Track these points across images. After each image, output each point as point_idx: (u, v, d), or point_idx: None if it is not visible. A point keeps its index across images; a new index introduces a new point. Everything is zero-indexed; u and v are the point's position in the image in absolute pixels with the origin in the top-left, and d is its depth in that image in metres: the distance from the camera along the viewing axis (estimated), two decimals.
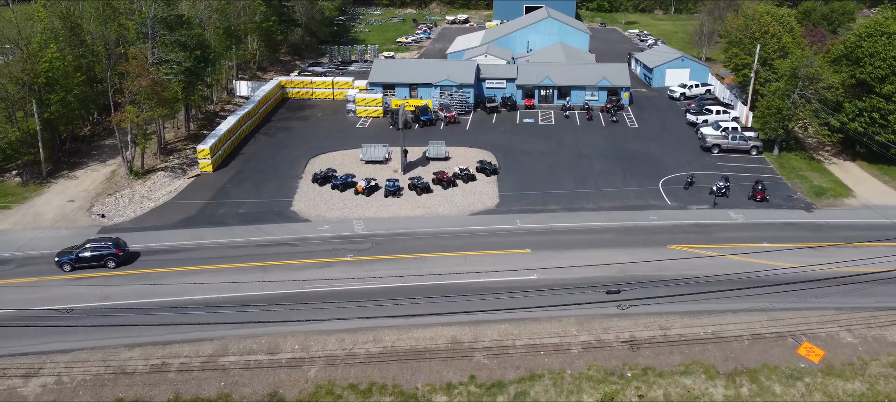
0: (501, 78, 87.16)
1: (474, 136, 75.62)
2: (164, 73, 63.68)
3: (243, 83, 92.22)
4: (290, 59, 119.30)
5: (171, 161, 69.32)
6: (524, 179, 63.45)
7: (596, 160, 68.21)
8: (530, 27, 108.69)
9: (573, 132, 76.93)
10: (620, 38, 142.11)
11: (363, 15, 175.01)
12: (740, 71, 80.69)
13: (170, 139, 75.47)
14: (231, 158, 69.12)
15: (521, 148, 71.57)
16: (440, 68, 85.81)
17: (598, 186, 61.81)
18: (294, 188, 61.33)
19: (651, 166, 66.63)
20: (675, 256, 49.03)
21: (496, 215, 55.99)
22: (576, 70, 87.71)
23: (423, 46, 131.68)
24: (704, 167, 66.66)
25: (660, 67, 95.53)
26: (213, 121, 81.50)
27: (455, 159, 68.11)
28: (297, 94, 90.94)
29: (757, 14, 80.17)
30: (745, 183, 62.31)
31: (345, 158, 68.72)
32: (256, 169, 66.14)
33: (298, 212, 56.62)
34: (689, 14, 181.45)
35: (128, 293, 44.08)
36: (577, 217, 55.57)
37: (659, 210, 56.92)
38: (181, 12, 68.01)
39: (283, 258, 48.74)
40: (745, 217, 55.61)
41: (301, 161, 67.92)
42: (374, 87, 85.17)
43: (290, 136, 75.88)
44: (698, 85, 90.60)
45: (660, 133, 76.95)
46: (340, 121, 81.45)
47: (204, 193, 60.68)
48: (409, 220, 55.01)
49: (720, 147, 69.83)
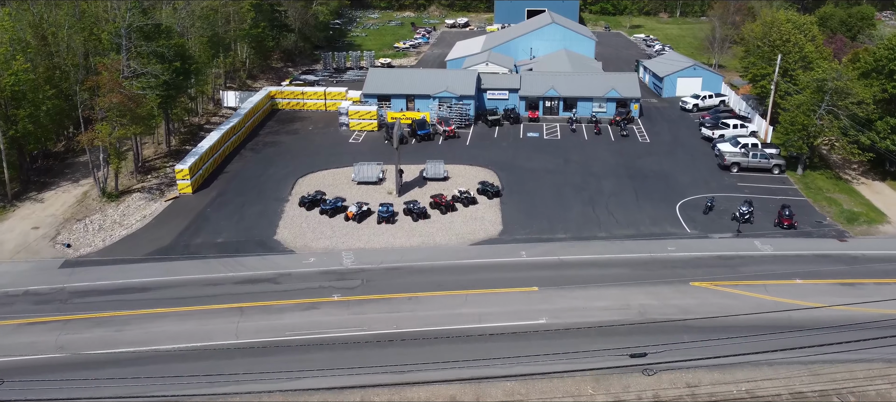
0: (503, 89, 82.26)
1: (475, 152, 70.70)
2: (138, 87, 58.69)
3: (231, 93, 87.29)
4: (282, 66, 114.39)
5: (148, 181, 64.38)
6: (529, 201, 58.52)
7: (606, 180, 63.27)
8: (533, 33, 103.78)
9: (580, 148, 72.00)
10: (626, 43, 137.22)
11: (360, 18, 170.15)
12: (759, 82, 75.73)
13: (148, 156, 70.52)
14: (213, 177, 64.18)
15: (525, 166, 66.64)
16: (439, 78, 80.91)
17: (610, 211, 56.88)
18: (279, 213, 56.39)
19: (666, 187, 61.70)
20: (698, 295, 44.09)
21: (499, 245, 51.05)
22: (583, 80, 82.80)
23: (421, 52, 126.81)
24: (723, 188, 61.75)
25: (670, 76, 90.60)
26: (197, 135, 76.57)
27: (454, 179, 63.19)
28: (288, 105, 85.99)
29: (776, 21, 75.23)
30: (769, 207, 57.44)
31: (336, 178, 63.77)
32: (240, 190, 61.20)
33: (282, 241, 51.66)
34: (694, 17, 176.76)
35: (87, 342, 39.12)
36: (587, 248, 50.62)
37: (677, 239, 51.99)
38: (159, 21, 62.95)
39: (263, 298, 43.78)
40: (772, 248, 50.68)
41: (288, 181, 62.98)
42: (368, 98, 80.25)
43: (279, 152, 70.94)
44: (712, 95, 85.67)
45: (673, 149, 72.01)
46: (332, 135, 76.51)
47: (181, 219, 55.73)
48: (403, 251, 50.07)
49: (740, 166, 64.91)
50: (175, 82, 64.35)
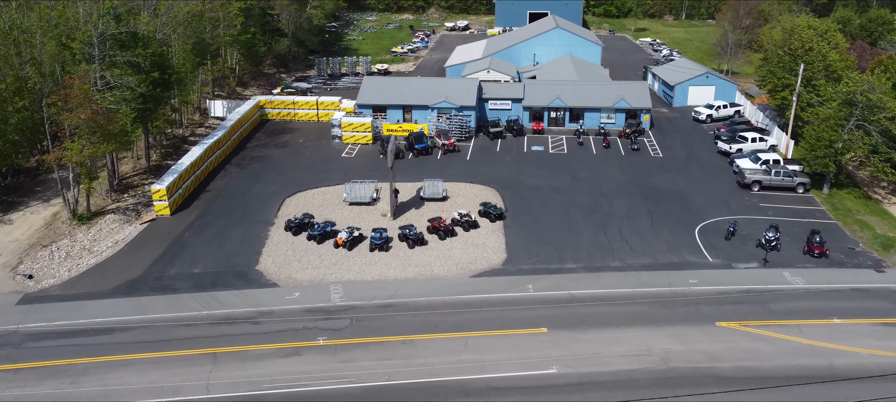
0: (506, 98, 77.65)
1: (476, 167, 66.07)
2: (110, 101, 54.05)
3: (218, 103, 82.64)
4: (275, 72, 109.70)
5: (124, 200, 59.76)
6: (535, 225, 53.90)
7: (617, 200, 58.64)
8: (537, 38, 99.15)
9: (589, 163, 67.34)
10: (631, 48, 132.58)
11: (357, 21, 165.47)
12: (779, 93, 71.07)
13: (126, 172, 65.86)
14: (195, 195, 59.57)
15: (529, 183, 62.00)
16: (437, 88, 76.28)
17: (623, 236, 52.25)
18: (263, 238, 51.76)
19: (682, 208, 57.08)
20: (726, 338, 39.47)
21: (503, 278, 46.41)
22: (590, 89, 78.17)
23: (419, 57, 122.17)
24: (744, 209, 57.14)
25: (682, 84, 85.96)
26: (181, 148, 71.95)
27: (454, 199, 58.57)
28: (278, 115, 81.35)
29: (797, 28, 70.61)
30: (796, 231, 52.86)
31: (326, 197, 59.14)
32: (222, 212, 56.57)
33: (265, 273, 47.01)
34: (700, 20, 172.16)
35: (35, 398, 34.49)
36: (600, 280, 45.98)
37: (699, 270, 47.34)
38: (135, 29, 58.25)
39: (240, 341, 39.16)
40: (804, 280, 46.03)
41: (275, 201, 58.35)
42: (362, 109, 75.62)
43: (266, 167, 66.29)
44: (726, 105, 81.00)
45: (687, 164, 67.37)
46: (324, 148, 71.86)
47: (156, 245, 51.09)
48: (397, 284, 45.42)
49: (761, 184, 60.27)
50: (153, 95, 59.67)
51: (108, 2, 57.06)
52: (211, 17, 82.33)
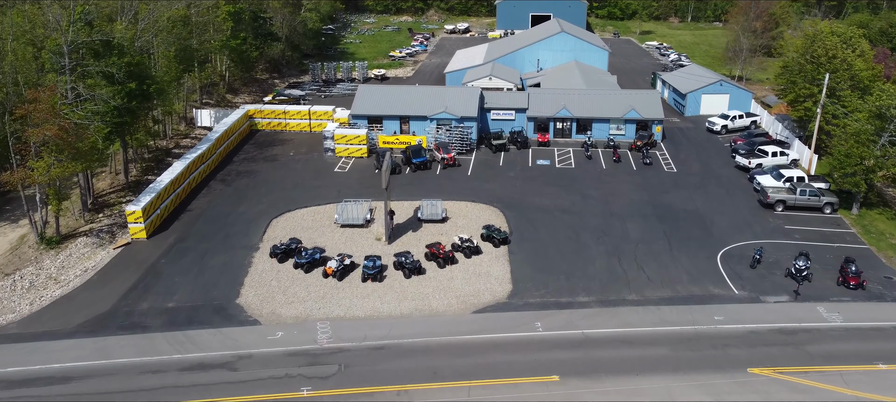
0: (509, 108, 73.26)
1: (478, 184, 61.68)
2: (79, 116, 49.64)
3: (205, 112, 78.28)
4: (267, 78, 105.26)
5: (99, 221, 55.40)
6: (543, 251, 49.52)
7: (631, 221, 54.26)
8: (541, 43, 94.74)
9: (598, 179, 62.94)
10: (637, 52, 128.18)
11: (355, 23, 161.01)
12: (801, 104, 66.68)
13: (103, 189, 61.45)
14: (175, 216, 55.20)
15: (535, 202, 57.63)
16: (437, 97, 71.88)
17: (639, 263, 47.88)
18: (246, 267, 47.38)
19: (702, 232, 52.70)
20: (761, 389, 35.10)
21: (509, 313, 42.02)
22: (598, 99, 73.78)
23: (418, 61, 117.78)
24: (769, 232, 52.79)
25: (694, 92, 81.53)
26: (164, 162, 67.55)
27: (454, 220, 54.20)
28: (268, 125, 76.93)
29: (820, 34, 66.23)
30: (826, 258, 48.51)
31: (316, 218, 54.76)
32: (203, 235, 52.19)
33: (246, 307, 42.61)
34: (707, 22, 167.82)
35: None
36: (616, 317, 41.60)
37: (724, 304, 42.96)
38: (109, 36, 53.82)
39: (214, 392, 34.77)
40: (841, 316, 41.66)
41: (261, 223, 53.96)
42: (357, 119, 71.23)
43: (253, 184, 61.89)
44: (742, 115, 76.60)
45: (703, 180, 62.97)
46: (316, 162, 67.44)
47: (129, 274, 46.71)
48: (392, 322, 41.05)
49: (785, 204, 55.91)
50: (129, 107, 55.26)
51: (80, 7, 52.63)
52: (198, 22, 77.91)
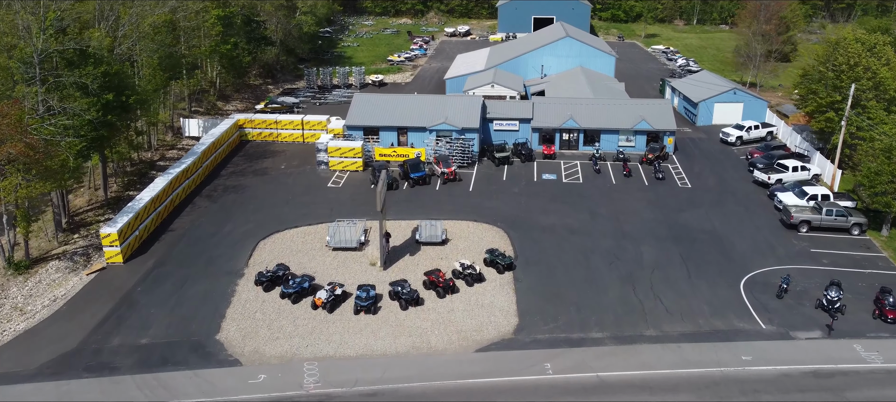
0: (513, 118, 69.48)
1: (480, 201, 57.93)
2: (49, 132, 45.86)
3: (193, 121, 74.47)
4: (261, 83, 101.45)
5: (74, 242, 51.63)
6: (551, 278, 45.75)
7: (645, 244, 50.48)
8: (545, 48, 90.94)
9: (608, 195, 59.16)
10: (644, 56, 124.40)
11: (353, 25, 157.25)
12: (822, 115, 62.90)
13: (80, 207, 57.68)
14: (155, 237, 51.46)
15: (541, 222, 53.87)
16: (436, 107, 68.10)
17: (656, 292, 44.12)
18: (229, 295, 43.62)
19: (721, 256, 48.93)
20: None
21: (516, 352, 38.23)
22: (607, 109, 70.00)
23: (417, 66, 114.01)
24: (794, 256, 49.03)
25: (706, 101, 77.73)
26: (148, 175, 63.78)
27: (455, 243, 50.43)
28: (259, 136, 73.16)
29: (843, 41, 62.47)
30: (858, 287, 44.77)
31: (307, 240, 50.99)
32: (184, 259, 48.42)
33: (226, 344, 38.84)
34: (713, 25, 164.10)
35: None
36: (633, 356, 37.83)
37: (752, 341, 39.19)
38: (85, 44, 50.03)
39: None
40: (881, 356, 37.92)
41: (247, 245, 50.20)
42: (352, 131, 67.47)
43: (241, 200, 58.13)
44: (757, 126, 72.80)
45: (720, 197, 59.18)
46: (309, 176, 63.65)
47: (101, 304, 42.95)
48: (386, 362, 37.28)
49: (810, 224, 52.15)
50: (107, 120, 51.51)
51: (51, 13, 48.88)
52: (185, 27, 74.13)
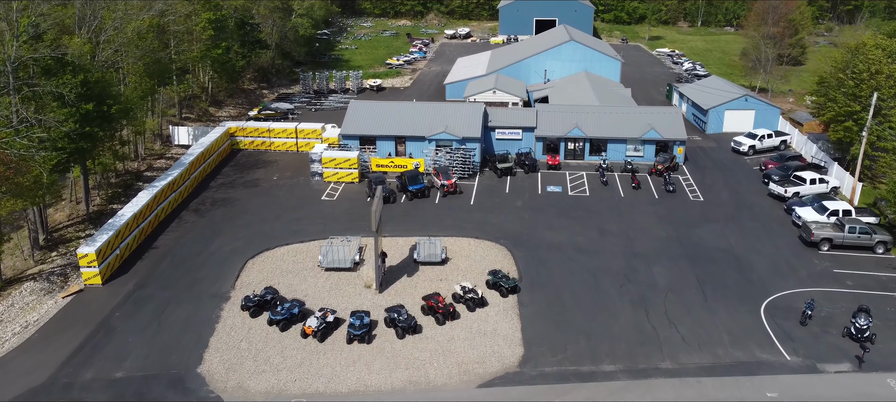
0: (516, 127, 66.53)
1: (481, 215, 54.98)
2: (21, 146, 42.92)
3: (183, 129, 71.53)
4: (256, 88, 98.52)
5: (51, 261, 48.70)
6: (558, 302, 42.81)
7: (658, 264, 47.52)
8: (548, 52, 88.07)
9: (617, 210, 56.20)
10: (649, 60, 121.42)
11: (351, 27, 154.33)
12: (841, 124, 59.94)
13: (60, 221, 54.72)
14: (138, 255, 48.56)
15: (547, 239, 50.92)
16: (436, 115, 65.17)
17: (671, 319, 41.18)
18: (213, 322, 40.69)
19: (739, 277, 45.97)
20: None
21: (522, 388, 35.29)
22: (614, 117, 67.03)
23: (417, 69, 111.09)
24: (816, 278, 46.07)
25: (717, 108, 74.77)
26: (133, 186, 60.88)
27: (455, 262, 47.48)
28: (251, 144, 70.21)
29: (863, 47, 59.56)
30: (886, 312, 41.81)
31: (298, 259, 48.04)
32: (167, 280, 45.48)
33: (208, 378, 35.90)
34: (718, 27, 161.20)
35: None
36: (649, 393, 34.89)
37: (776, 375, 36.25)
38: (62, 51, 47.10)
39: None
40: None
41: (234, 264, 47.28)
42: (347, 140, 64.53)
43: (230, 214, 55.21)
44: (771, 134, 69.82)
45: (735, 211, 56.22)
46: (302, 188, 60.73)
47: (75, 331, 40.04)
48: (382, 399, 34.31)
49: (831, 242, 49.20)
50: (87, 132, 48.57)
51: (25, 18, 45.94)
52: (175, 31, 71.17)
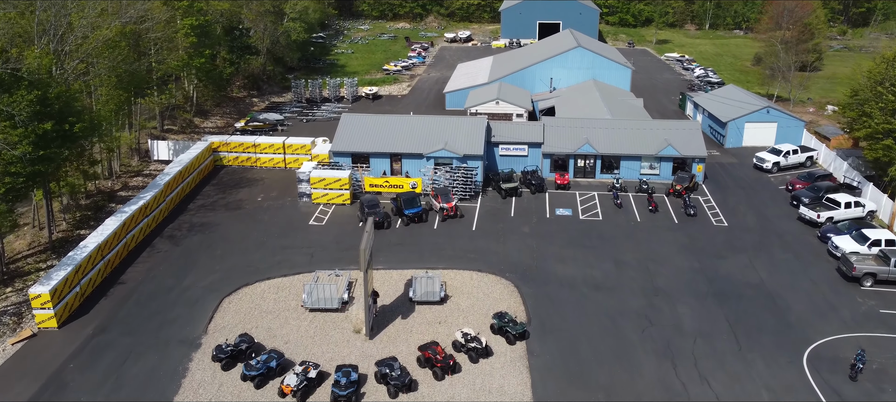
0: (521, 142, 61.49)
1: (484, 243, 49.89)
2: None
3: (163, 143, 66.41)
4: (245, 96, 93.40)
5: (5, 297, 43.62)
6: (572, 352, 37.73)
7: (682, 302, 42.45)
8: (554, 59, 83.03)
9: (633, 237, 51.11)
10: (658, 65, 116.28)
11: (348, 30, 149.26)
12: (879, 141, 54.83)
13: (19, 251, 49.58)
14: (102, 291, 43.55)
15: (558, 272, 45.83)
16: (435, 130, 60.07)
17: (702, 372, 36.12)
18: (180, 375, 35.65)
19: (776, 319, 40.89)
20: None
21: None
22: (628, 132, 61.94)
23: (415, 75, 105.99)
24: (860, 320, 40.98)
25: (736, 120, 69.66)
26: (105, 208, 55.85)
27: (456, 300, 42.41)
28: (235, 160, 65.15)
29: None
30: None
31: (279, 297, 42.96)
32: (132, 322, 40.42)
33: None
34: (726, 30, 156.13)
35: None
36: None
37: None
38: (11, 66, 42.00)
39: None
40: None
41: (209, 303, 42.21)
42: (338, 158, 59.46)
43: (208, 242, 50.15)
44: (796, 150, 64.72)
45: (763, 239, 51.11)
46: (288, 211, 55.68)
47: (22, 386, 35.01)
48: None
49: (876, 277, 44.11)
50: (46, 154, 43.47)
51: None
52: (153, 39, 66.03)
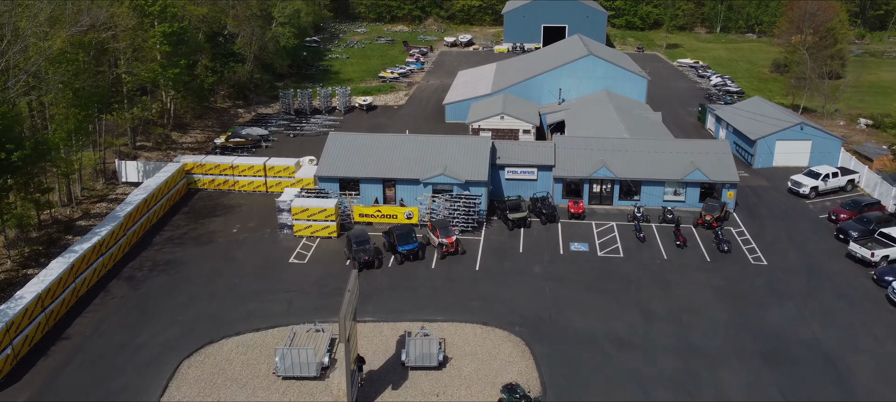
0: (530, 166, 54.94)
1: (489, 287, 43.25)
2: None
3: (131, 164, 59.80)
4: (230, 106, 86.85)
5: None
6: None
7: (725, 366, 35.82)
8: (563, 68, 76.50)
9: (661, 279, 44.46)
10: (670, 72, 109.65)
11: (344, 33, 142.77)
12: None
13: None
14: (40, 350, 36.98)
15: (576, 326, 39.21)
16: (433, 152, 53.51)
17: None
18: None
19: (838, 388, 34.31)
20: None
21: None
22: (649, 155, 55.32)
23: (413, 84, 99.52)
24: None
25: (766, 138, 63.03)
26: (60, 242, 49.27)
27: (456, 365, 35.83)
28: (211, 184, 58.60)
29: None
30: None
31: (249, 358, 36.39)
32: (70, 392, 33.87)
33: None
34: (738, 33, 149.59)
35: None
36: None
37: None
38: None
39: None
40: None
41: (164, 367, 35.63)
42: (324, 183, 52.90)
43: (170, 286, 43.56)
44: (837, 173, 58.11)
45: (810, 282, 44.44)
46: (266, 246, 49.09)
47: None
48: None
49: None
50: None
51: None
52: (122, 48, 59.44)
